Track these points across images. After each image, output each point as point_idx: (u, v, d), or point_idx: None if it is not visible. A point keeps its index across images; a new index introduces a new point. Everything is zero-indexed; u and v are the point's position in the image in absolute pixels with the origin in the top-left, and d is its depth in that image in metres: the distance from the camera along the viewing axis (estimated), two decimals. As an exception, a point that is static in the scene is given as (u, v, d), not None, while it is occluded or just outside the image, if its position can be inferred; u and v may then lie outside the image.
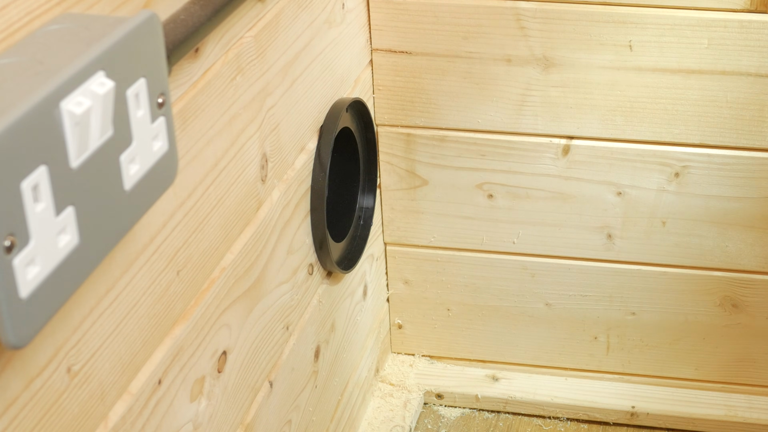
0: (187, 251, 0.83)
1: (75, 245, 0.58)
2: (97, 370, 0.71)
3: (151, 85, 0.64)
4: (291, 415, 1.10)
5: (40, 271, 0.55)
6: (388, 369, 1.47)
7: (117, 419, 0.74)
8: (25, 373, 0.63)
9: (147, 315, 0.77)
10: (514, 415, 1.44)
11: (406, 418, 1.39)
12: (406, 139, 1.34)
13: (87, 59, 0.58)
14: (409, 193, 1.37)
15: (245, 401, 0.98)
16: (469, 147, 1.32)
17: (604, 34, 1.22)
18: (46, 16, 0.62)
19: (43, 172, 0.54)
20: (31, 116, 0.53)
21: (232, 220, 0.92)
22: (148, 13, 0.63)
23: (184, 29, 0.76)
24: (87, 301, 0.69)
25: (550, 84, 1.26)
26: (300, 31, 1.06)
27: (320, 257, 1.17)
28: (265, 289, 1.01)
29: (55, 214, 0.56)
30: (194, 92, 0.83)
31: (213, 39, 0.86)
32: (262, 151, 0.98)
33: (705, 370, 1.41)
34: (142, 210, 0.66)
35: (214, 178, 0.88)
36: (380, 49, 1.29)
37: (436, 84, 1.30)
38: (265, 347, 1.02)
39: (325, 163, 1.12)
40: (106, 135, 0.60)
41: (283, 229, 1.05)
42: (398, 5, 1.26)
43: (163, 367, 0.80)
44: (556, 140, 1.29)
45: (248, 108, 0.94)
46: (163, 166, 0.67)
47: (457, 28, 1.26)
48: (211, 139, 0.86)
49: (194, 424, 0.86)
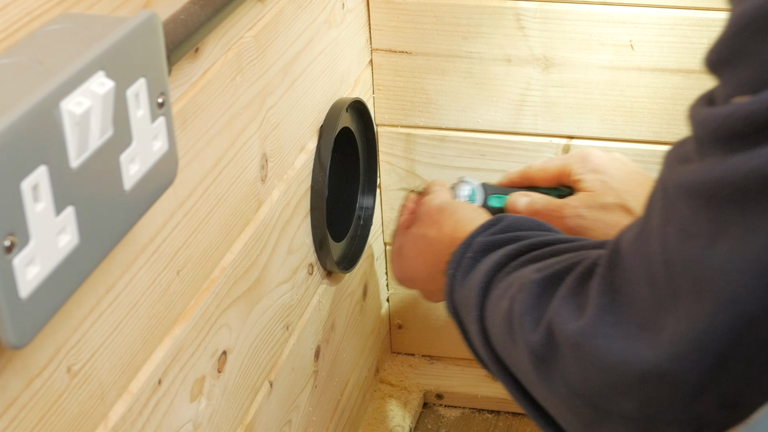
0: (187, 251, 0.83)
1: (75, 245, 0.58)
2: (97, 370, 0.71)
3: (151, 85, 0.64)
4: (291, 415, 1.10)
5: (40, 271, 0.55)
6: (388, 369, 1.47)
7: (117, 419, 0.74)
8: (25, 373, 0.63)
9: (147, 315, 0.78)
10: (514, 415, 1.44)
11: (406, 418, 1.39)
12: (406, 139, 1.34)
13: (87, 59, 0.58)
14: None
15: (245, 401, 0.98)
16: (469, 147, 1.32)
17: (604, 34, 1.22)
18: (46, 16, 0.62)
19: (43, 172, 0.54)
20: (31, 116, 0.53)
21: (232, 220, 0.92)
22: (148, 13, 0.63)
23: (184, 29, 0.76)
24: (87, 301, 0.69)
25: (550, 84, 1.26)
26: (300, 31, 1.06)
27: (320, 257, 1.17)
28: (265, 289, 1.01)
29: (55, 214, 0.56)
30: (194, 92, 0.83)
31: (213, 39, 0.86)
32: (262, 151, 0.98)
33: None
34: (142, 210, 0.66)
35: (214, 178, 0.88)
36: (380, 49, 1.29)
37: (436, 84, 1.30)
38: (265, 347, 1.02)
39: (325, 163, 1.12)
40: (106, 135, 0.60)
41: (283, 229, 1.05)
42: (398, 5, 1.26)
43: (163, 367, 0.80)
44: (556, 140, 1.29)
45: (248, 108, 0.94)
46: (163, 166, 0.67)
47: (457, 28, 1.26)
48: (211, 139, 0.86)
49: (194, 424, 0.86)
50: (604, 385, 0.71)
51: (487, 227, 0.93)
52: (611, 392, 0.71)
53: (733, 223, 0.60)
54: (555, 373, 0.75)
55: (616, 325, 0.69)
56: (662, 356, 0.66)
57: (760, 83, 0.57)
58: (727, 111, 0.59)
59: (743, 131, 0.58)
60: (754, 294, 0.61)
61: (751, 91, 0.57)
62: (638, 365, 0.68)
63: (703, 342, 0.64)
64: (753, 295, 0.61)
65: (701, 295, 0.63)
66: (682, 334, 0.65)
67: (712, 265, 0.62)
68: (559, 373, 0.75)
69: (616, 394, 0.71)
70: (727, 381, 0.65)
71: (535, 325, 0.77)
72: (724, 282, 0.62)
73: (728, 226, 0.60)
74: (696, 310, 0.64)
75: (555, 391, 0.76)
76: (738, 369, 0.64)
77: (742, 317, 0.62)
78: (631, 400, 0.70)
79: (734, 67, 0.59)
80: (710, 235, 0.61)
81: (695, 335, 0.64)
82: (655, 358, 0.67)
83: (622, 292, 0.70)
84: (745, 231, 0.60)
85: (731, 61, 0.59)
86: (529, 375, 0.79)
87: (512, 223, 0.92)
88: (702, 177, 0.61)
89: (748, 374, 0.65)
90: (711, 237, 0.61)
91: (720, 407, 0.67)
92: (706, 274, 0.62)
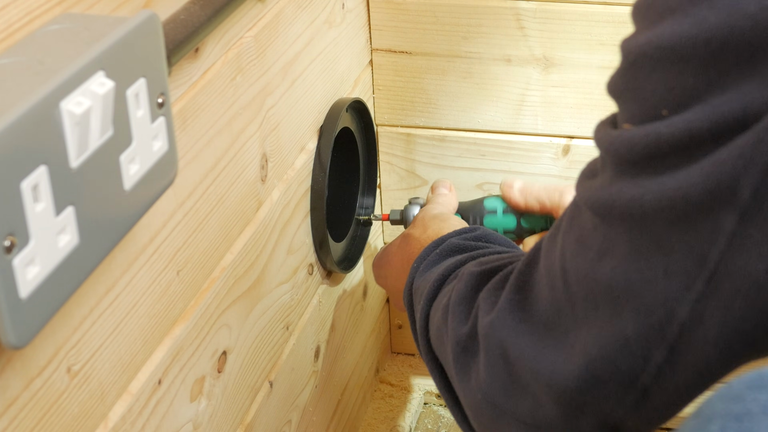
0: (187, 251, 0.83)
1: (75, 245, 0.58)
2: (97, 370, 0.71)
3: (151, 85, 0.64)
4: (291, 415, 1.10)
5: (40, 271, 0.55)
6: (388, 369, 1.47)
7: (117, 419, 0.74)
8: (25, 373, 0.63)
9: (147, 315, 0.78)
10: (514, 415, 1.44)
11: (406, 418, 1.39)
12: (406, 139, 1.34)
13: (87, 59, 0.58)
14: (409, 193, 1.37)
15: (245, 401, 0.98)
16: (469, 147, 1.32)
17: (604, 34, 1.22)
18: (46, 16, 0.62)
19: (43, 172, 0.54)
20: (31, 116, 0.53)
21: (232, 220, 0.92)
22: (148, 13, 0.63)
23: (184, 29, 0.76)
24: (87, 301, 0.69)
25: (550, 84, 1.26)
26: (300, 31, 1.06)
27: (320, 257, 1.17)
28: (265, 289, 1.01)
29: (55, 214, 0.56)
30: (194, 92, 0.83)
31: (213, 39, 0.86)
32: (262, 151, 0.98)
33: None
34: (142, 210, 0.66)
35: (214, 178, 0.88)
36: (380, 49, 1.29)
37: (436, 84, 1.30)
38: (264, 347, 1.02)
39: (325, 163, 1.12)
40: (106, 135, 0.60)
41: (283, 229, 1.05)
42: (398, 5, 1.26)
43: (163, 367, 0.80)
44: (556, 140, 1.29)
45: (248, 108, 0.94)
46: (163, 166, 0.67)
47: (457, 28, 1.26)
48: (211, 139, 0.86)
49: (194, 424, 0.86)
50: (504, 382, 0.72)
51: (462, 232, 0.95)
52: (509, 389, 0.72)
53: (619, 243, 0.62)
54: (470, 367, 0.76)
55: (522, 322, 0.71)
56: (555, 363, 0.68)
57: (643, 116, 0.61)
58: (617, 136, 0.62)
59: (629, 158, 0.61)
60: (631, 317, 0.62)
61: (637, 121, 0.61)
62: (534, 365, 0.69)
63: (590, 361, 0.65)
64: (630, 317, 0.62)
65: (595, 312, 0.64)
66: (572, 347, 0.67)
67: (599, 279, 0.64)
68: (473, 367, 0.76)
69: (513, 392, 0.72)
70: (608, 404, 0.66)
71: (466, 317, 0.79)
72: (609, 299, 0.63)
73: (615, 244, 0.63)
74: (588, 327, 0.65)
75: (466, 387, 0.77)
76: (617, 393, 0.65)
77: (619, 340, 0.63)
78: (524, 400, 0.71)
79: (625, 98, 0.63)
80: (600, 250, 0.64)
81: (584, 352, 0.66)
82: (550, 363, 0.68)
83: (532, 291, 0.71)
84: (629, 251, 0.62)
85: (623, 92, 0.63)
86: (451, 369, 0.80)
87: (487, 234, 0.94)
88: (598, 194, 0.64)
89: (625, 400, 0.65)
90: (600, 252, 0.64)
91: (599, 429, 0.68)
92: (594, 288, 0.64)
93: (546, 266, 0.70)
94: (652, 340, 0.62)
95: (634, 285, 0.62)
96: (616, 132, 0.63)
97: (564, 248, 0.67)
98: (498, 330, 0.73)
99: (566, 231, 0.68)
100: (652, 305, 0.61)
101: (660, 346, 0.62)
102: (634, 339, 0.63)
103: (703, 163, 0.57)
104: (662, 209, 0.59)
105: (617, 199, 0.62)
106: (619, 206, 0.62)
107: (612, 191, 0.62)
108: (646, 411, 0.66)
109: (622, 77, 0.63)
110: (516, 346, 0.71)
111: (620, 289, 0.62)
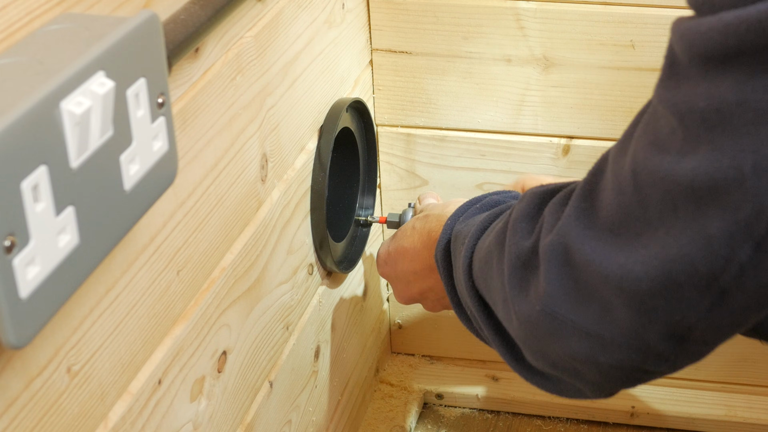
0: (187, 251, 0.83)
1: (75, 245, 0.58)
2: (97, 370, 0.71)
3: (151, 85, 0.64)
4: (291, 415, 1.10)
5: (40, 271, 0.55)
6: (388, 369, 1.47)
7: (117, 419, 0.74)
8: (25, 373, 0.63)
9: (147, 315, 0.78)
10: (514, 415, 1.44)
11: (406, 418, 1.39)
12: (406, 139, 1.34)
13: (87, 59, 0.58)
14: (409, 193, 1.37)
15: (245, 401, 0.98)
16: (469, 147, 1.32)
17: (604, 34, 1.22)
18: (46, 16, 0.62)
19: (43, 172, 0.54)
20: (31, 116, 0.53)
21: (232, 220, 0.92)
22: (148, 13, 0.63)
23: (184, 29, 0.76)
24: (87, 301, 0.69)
25: (549, 84, 1.26)
26: (300, 31, 1.06)
27: (320, 257, 1.17)
28: (265, 289, 1.01)
29: (55, 214, 0.56)
30: (194, 92, 0.83)
31: (213, 39, 0.86)
32: (262, 151, 0.98)
33: (705, 370, 1.41)
34: (142, 210, 0.66)
35: (214, 178, 0.88)
36: (380, 49, 1.29)
37: (436, 84, 1.30)
38: (264, 347, 1.02)
39: (325, 163, 1.12)
40: (106, 135, 0.60)
41: (283, 229, 1.05)
42: (398, 5, 1.26)
43: (163, 367, 0.80)
44: (556, 140, 1.29)
45: (248, 108, 0.94)
46: (163, 166, 0.67)
47: (457, 28, 1.26)
48: (211, 139, 0.86)
49: (194, 424, 0.86)
50: (569, 289, 0.71)
51: (500, 192, 0.96)
52: (574, 297, 0.71)
53: (702, 143, 0.61)
54: (528, 281, 0.75)
55: (589, 228, 0.70)
56: (625, 266, 0.66)
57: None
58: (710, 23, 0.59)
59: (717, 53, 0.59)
60: (716, 214, 0.61)
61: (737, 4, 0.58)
62: (603, 269, 0.68)
63: (665, 262, 0.64)
64: (715, 215, 0.61)
65: (674, 213, 0.63)
66: (645, 249, 0.65)
67: (678, 180, 0.62)
68: (533, 281, 0.75)
69: (579, 300, 0.70)
70: (680, 307, 0.65)
71: (529, 233, 0.77)
72: (690, 199, 0.62)
73: (698, 144, 0.61)
74: (667, 229, 0.64)
75: (523, 302, 0.76)
76: (692, 295, 0.64)
77: (701, 240, 0.62)
78: (590, 307, 0.70)
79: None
80: (680, 151, 0.62)
81: (659, 253, 0.64)
82: (619, 266, 0.67)
83: (598, 198, 0.70)
84: (712, 150, 0.60)
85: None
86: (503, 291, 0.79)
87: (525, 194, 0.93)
88: (680, 96, 0.62)
89: (700, 303, 0.64)
90: (681, 153, 0.62)
91: (666, 338, 0.67)
92: (672, 189, 0.63)
93: (614, 171, 0.68)
94: (738, 237, 0.60)
95: (719, 183, 0.60)
96: (705, 20, 0.60)
97: (636, 152, 0.66)
98: (564, 236, 0.71)
99: (639, 136, 0.66)
100: (739, 202, 0.60)
101: (745, 245, 0.61)
102: (718, 237, 0.61)
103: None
104: (749, 110, 0.58)
105: (701, 101, 0.60)
106: (703, 107, 0.60)
107: (696, 93, 0.60)
108: (719, 316, 0.64)
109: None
110: (582, 251, 0.69)
111: (704, 189, 0.61)
